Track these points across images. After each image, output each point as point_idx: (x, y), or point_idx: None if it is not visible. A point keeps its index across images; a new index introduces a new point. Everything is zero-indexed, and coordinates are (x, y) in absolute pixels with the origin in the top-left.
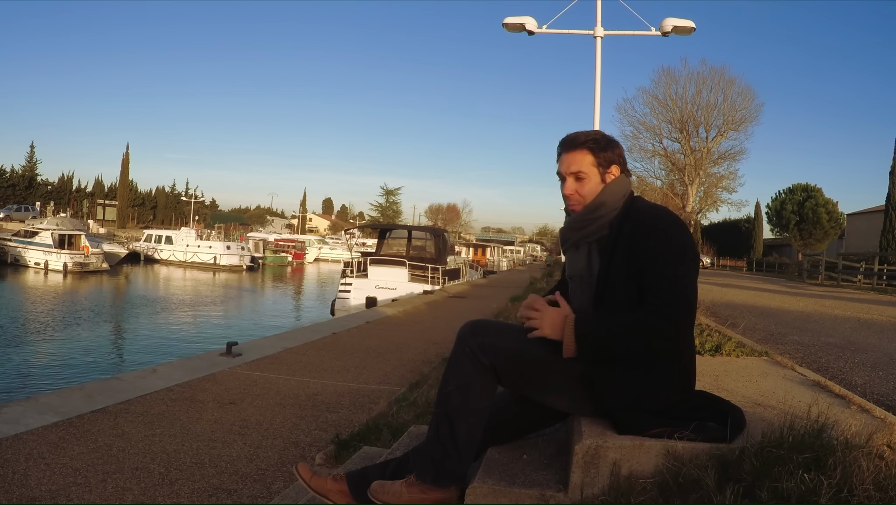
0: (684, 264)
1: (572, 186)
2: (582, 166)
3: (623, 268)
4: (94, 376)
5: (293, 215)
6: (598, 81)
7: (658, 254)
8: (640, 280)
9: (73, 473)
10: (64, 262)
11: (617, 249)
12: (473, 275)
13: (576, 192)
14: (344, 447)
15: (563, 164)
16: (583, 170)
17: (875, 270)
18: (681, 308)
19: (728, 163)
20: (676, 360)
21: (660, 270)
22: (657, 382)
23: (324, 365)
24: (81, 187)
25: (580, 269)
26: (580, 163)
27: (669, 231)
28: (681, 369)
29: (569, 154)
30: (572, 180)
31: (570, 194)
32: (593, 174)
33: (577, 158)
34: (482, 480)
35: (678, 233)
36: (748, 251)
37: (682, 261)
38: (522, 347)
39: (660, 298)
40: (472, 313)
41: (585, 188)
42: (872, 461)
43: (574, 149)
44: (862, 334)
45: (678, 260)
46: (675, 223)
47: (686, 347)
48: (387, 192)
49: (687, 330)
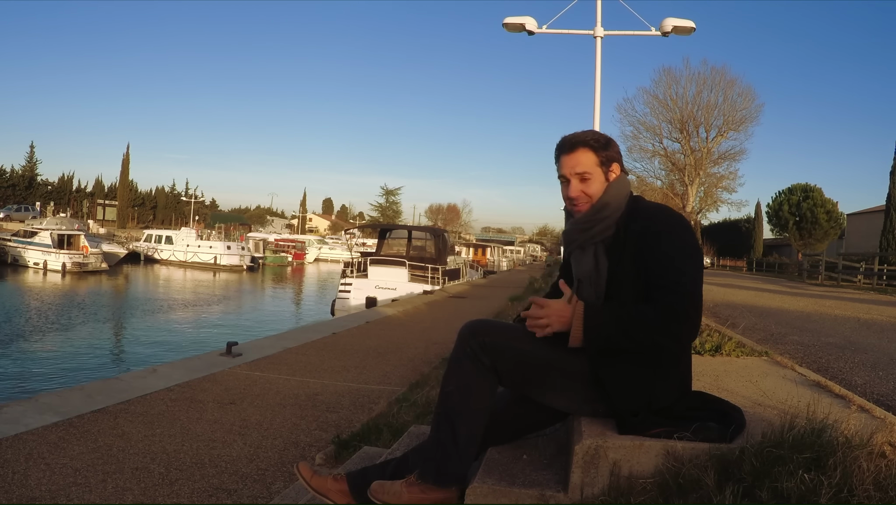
0: (693, 265)
1: (578, 187)
2: (587, 166)
3: (631, 268)
4: (94, 376)
5: (293, 215)
6: (598, 81)
7: (668, 254)
8: (648, 279)
9: (73, 473)
10: (63, 262)
11: (625, 249)
12: (473, 275)
13: (582, 192)
14: (344, 447)
15: (566, 166)
16: (588, 170)
17: (875, 270)
18: (689, 307)
19: (728, 163)
20: (679, 359)
21: (670, 269)
22: (662, 382)
23: (324, 365)
24: (81, 187)
25: (588, 270)
26: (584, 163)
27: (679, 232)
28: (682, 368)
29: (570, 155)
30: (577, 181)
31: (577, 196)
32: (598, 173)
33: (580, 159)
34: (482, 480)
35: (687, 233)
36: (748, 251)
37: (692, 261)
38: (523, 347)
39: (670, 296)
40: (472, 313)
41: (592, 188)
42: (873, 461)
43: (575, 149)
44: (862, 334)
45: (687, 260)
46: (683, 224)
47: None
48: (387, 192)
49: (692, 331)
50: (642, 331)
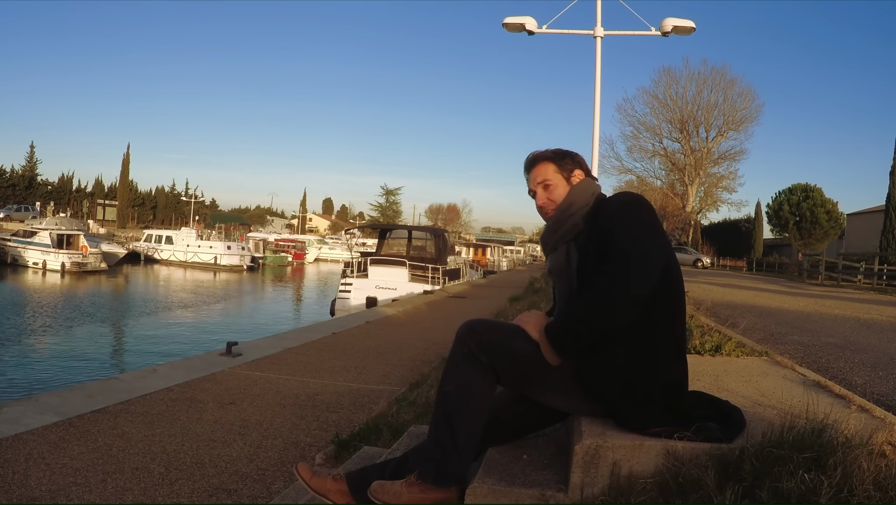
0: (641, 236)
1: (543, 196)
2: (546, 175)
3: (598, 257)
4: (94, 376)
5: (293, 215)
6: (598, 81)
7: (615, 228)
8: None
9: (73, 473)
10: (62, 262)
11: (591, 241)
12: (473, 275)
13: (547, 199)
14: (344, 447)
15: (531, 181)
16: (548, 178)
17: (875, 270)
18: (630, 269)
19: (728, 163)
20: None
21: (616, 241)
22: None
23: (324, 365)
24: (81, 187)
25: (560, 265)
26: (544, 173)
27: (627, 207)
28: (672, 347)
29: (532, 170)
30: (541, 190)
31: (543, 203)
32: (558, 180)
33: (540, 171)
34: (482, 480)
35: (635, 207)
36: (748, 251)
37: (639, 233)
38: (522, 347)
39: (609, 266)
40: (472, 313)
41: (554, 194)
42: (873, 461)
43: (536, 164)
44: (862, 334)
45: (633, 228)
46: (633, 201)
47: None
48: (387, 192)
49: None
50: (594, 313)
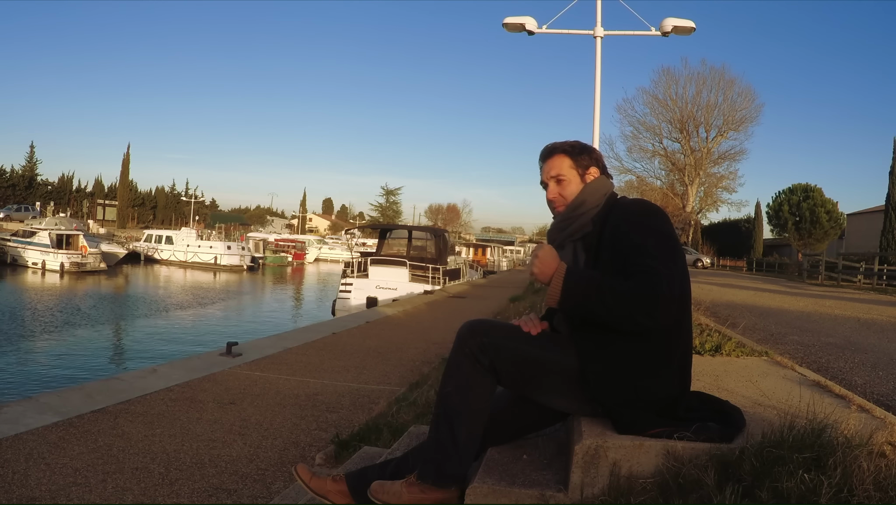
0: (664, 249)
1: (555, 190)
2: (561, 170)
3: (609, 262)
4: (94, 376)
5: (293, 215)
6: (598, 81)
7: (640, 241)
8: (624, 268)
9: (73, 473)
10: (61, 262)
11: (602, 244)
12: (473, 275)
13: (558, 194)
14: (344, 447)
15: (544, 172)
16: (562, 173)
17: (875, 270)
18: (664, 284)
19: (728, 163)
20: (669, 351)
21: (643, 254)
22: (652, 376)
23: (324, 365)
24: (81, 187)
25: (566, 261)
26: (559, 167)
27: (651, 220)
28: (676, 363)
29: (547, 161)
30: (553, 184)
31: (554, 198)
32: (573, 176)
33: (555, 163)
34: (482, 480)
35: (659, 221)
36: (748, 251)
37: (665, 246)
38: (522, 347)
39: (643, 275)
40: (472, 313)
41: (567, 190)
42: (873, 461)
43: (552, 155)
44: (862, 334)
45: (660, 245)
46: (656, 213)
47: (680, 339)
48: (387, 192)
49: (669, 310)
50: (618, 300)
